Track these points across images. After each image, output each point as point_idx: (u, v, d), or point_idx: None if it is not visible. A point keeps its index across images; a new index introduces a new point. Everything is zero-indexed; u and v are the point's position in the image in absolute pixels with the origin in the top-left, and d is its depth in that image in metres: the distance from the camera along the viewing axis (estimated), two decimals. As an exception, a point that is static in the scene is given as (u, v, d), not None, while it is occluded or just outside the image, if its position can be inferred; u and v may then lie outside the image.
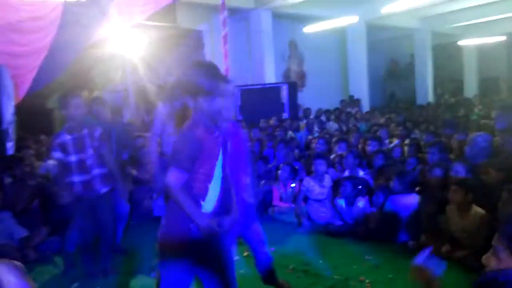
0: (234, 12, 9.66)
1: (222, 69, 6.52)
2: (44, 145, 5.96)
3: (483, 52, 16.14)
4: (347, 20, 11.41)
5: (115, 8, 5.57)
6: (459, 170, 3.83)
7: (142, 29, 8.17)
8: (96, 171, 3.44)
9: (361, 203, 4.45)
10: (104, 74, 10.14)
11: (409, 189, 4.09)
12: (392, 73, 17.12)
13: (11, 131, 4.49)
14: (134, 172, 5.30)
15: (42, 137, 6.40)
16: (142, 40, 8.40)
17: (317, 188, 4.82)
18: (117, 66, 9.94)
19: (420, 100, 14.69)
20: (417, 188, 4.16)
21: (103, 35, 6.14)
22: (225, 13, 6.50)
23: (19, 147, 4.89)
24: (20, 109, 5.04)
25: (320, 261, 3.55)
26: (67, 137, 3.38)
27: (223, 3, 6.44)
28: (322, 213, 4.73)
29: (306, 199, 4.87)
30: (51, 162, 5.04)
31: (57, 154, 3.37)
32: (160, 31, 8.97)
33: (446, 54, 16.22)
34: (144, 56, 8.89)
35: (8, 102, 4.49)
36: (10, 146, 4.45)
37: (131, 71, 10.40)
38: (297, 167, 5.39)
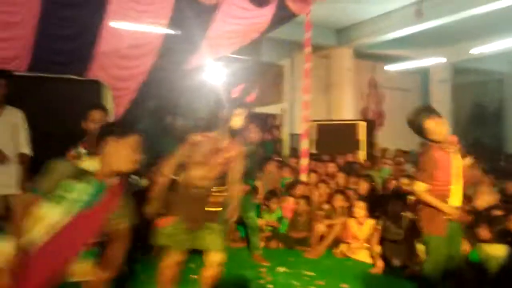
0: (316, 49, 9.88)
1: (302, 102, 6.65)
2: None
3: None
4: (432, 61, 11.13)
5: (206, 42, 6.00)
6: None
7: (226, 61, 8.62)
8: None
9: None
10: (188, 101, 10.74)
11: (498, 239, 3.80)
12: (478, 118, 16.17)
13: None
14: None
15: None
16: (225, 71, 8.85)
17: (393, 228, 4.66)
18: (200, 95, 10.51)
19: (508, 149, 13.66)
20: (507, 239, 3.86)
21: (193, 65, 6.59)
22: (309, 48, 6.68)
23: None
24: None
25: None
26: None
27: (308, 39, 6.63)
28: (398, 255, 4.53)
29: (381, 239, 4.71)
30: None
31: None
32: (243, 63, 9.40)
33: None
34: (226, 87, 9.32)
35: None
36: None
37: (213, 100, 10.93)
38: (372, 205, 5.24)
